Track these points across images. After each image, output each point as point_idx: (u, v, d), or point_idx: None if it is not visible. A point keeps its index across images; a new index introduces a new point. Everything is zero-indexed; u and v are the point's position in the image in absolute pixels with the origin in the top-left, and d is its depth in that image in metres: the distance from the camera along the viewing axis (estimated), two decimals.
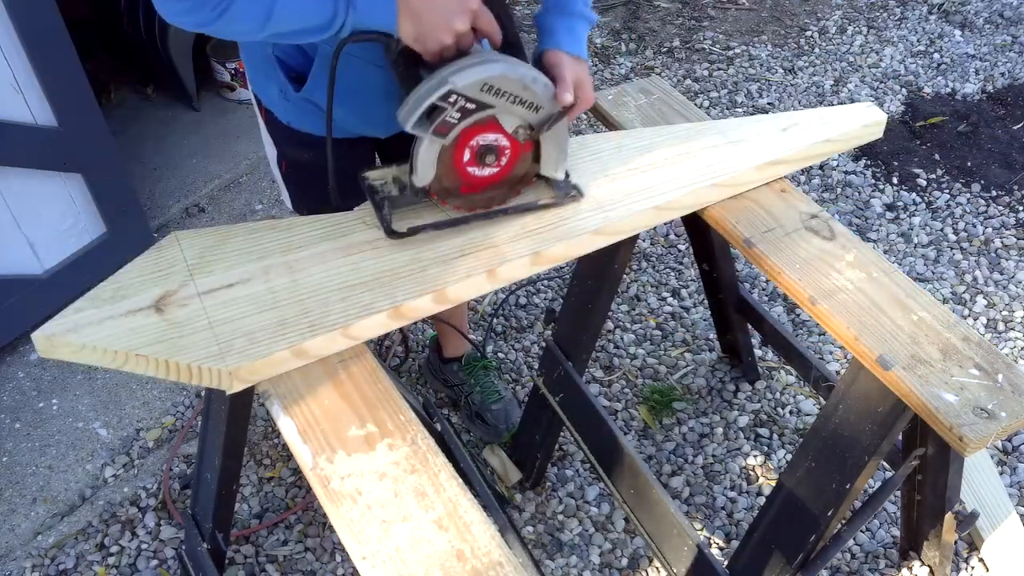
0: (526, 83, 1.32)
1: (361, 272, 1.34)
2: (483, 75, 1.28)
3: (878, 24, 3.84)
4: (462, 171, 1.41)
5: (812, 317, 1.58)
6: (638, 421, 2.34)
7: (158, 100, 3.33)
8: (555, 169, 1.46)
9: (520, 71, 1.31)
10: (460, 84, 1.27)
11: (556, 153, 1.44)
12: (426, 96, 1.28)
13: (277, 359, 1.23)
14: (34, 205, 2.37)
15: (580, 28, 1.46)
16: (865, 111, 1.66)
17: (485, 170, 1.42)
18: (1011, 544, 2.02)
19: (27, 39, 2.17)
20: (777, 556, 1.59)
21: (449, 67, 1.28)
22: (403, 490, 1.14)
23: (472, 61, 1.28)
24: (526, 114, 1.36)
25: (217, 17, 1.20)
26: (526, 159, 1.44)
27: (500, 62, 1.30)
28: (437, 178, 1.40)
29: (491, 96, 1.31)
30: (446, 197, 1.43)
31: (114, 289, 1.29)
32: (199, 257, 1.34)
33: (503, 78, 1.30)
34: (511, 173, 1.45)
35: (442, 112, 1.30)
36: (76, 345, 1.21)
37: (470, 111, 1.32)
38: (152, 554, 2.08)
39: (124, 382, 2.41)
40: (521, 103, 1.34)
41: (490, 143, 1.39)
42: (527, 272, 1.42)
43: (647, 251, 2.82)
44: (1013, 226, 2.88)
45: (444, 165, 1.39)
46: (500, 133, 1.38)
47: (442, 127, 1.32)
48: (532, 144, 1.42)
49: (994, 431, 1.23)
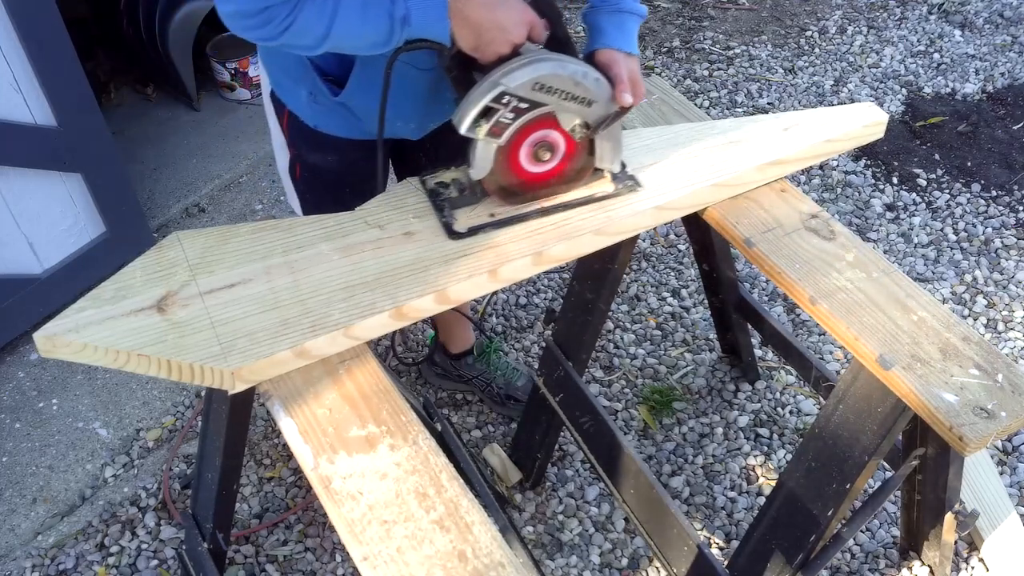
0: (577, 79, 1.34)
1: (363, 272, 1.34)
2: (534, 75, 1.30)
3: (878, 24, 3.84)
4: (519, 169, 1.43)
5: (812, 317, 1.58)
6: (638, 421, 2.34)
7: (158, 100, 3.33)
8: (611, 162, 1.47)
9: (570, 68, 1.33)
10: (512, 85, 1.30)
11: (612, 146, 1.45)
12: (479, 99, 1.30)
13: (279, 359, 1.23)
14: (34, 205, 2.37)
15: (630, 24, 1.47)
16: (866, 111, 1.66)
17: (541, 167, 1.44)
18: (1011, 544, 2.02)
19: (27, 39, 2.17)
20: (777, 556, 1.59)
21: (500, 69, 1.30)
22: (404, 490, 1.14)
23: (523, 61, 1.30)
24: (580, 109, 1.38)
25: (280, 33, 1.25)
26: (582, 153, 1.46)
27: (550, 60, 1.32)
28: (494, 176, 1.42)
29: (543, 94, 1.33)
30: (504, 195, 1.46)
31: (116, 289, 1.29)
32: (201, 257, 1.34)
33: (554, 76, 1.32)
34: (567, 168, 1.47)
35: (495, 113, 1.32)
36: (78, 345, 1.21)
37: (523, 110, 1.34)
38: (152, 554, 2.08)
39: (124, 382, 2.41)
40: (574, 99, 1.36)
41: (545, 140, 1.41)
42: (529, 272, 1.42)
43: (647, 251, 2.82)
44: (1013, 226, 2.88)
45: (501, 164, 1.41)
46: (555, 130, 1.40)
47: (496, 128, 1.34)
48: (587, 140, 1.44)
49: (994, 431, 1.23)
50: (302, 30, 1.25)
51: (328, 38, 1.27)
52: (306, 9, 1.23)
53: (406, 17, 1.26)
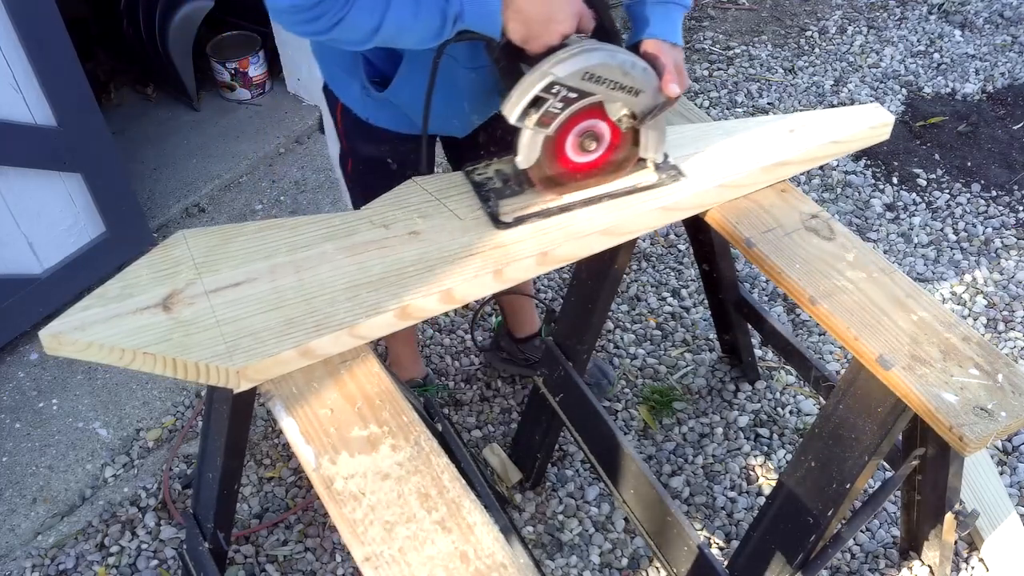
0: (626, 69, 1.35)
1: (367, 272, 1.34)
2: (584, 64, 1.32)
3: (878, 24, 3.84)
4: (564, 159, 1.45)
5: (812, 317, 1.58)
6: (638, 421, 2.34)
7: (158, 100, 3.33)
8: (655, 151, 1.49)
9: (619, 58, 1.35)
10: (562, 75, 1.31)
11: (656, 136, 1.47)
12: (529, 88, 1.32)
13: (283, 358, 1.24)
14: (34, 205, 2.37)
15: (675, 15, 1.49)
16: (872, 112, 1.65)
17: (587, 156, 1.46)
18: (1011, 544, 2.03)
19: (27, 39, 2.17)
20: (777, 556, 1.59)
21: (550, 59, 1.31)
22: (406, 491, 1.14)
23: (572, 51, 1.32)
24: (627, 99, 1.39)
25: (331, 28, 1.27)
26: (626, 143, 1.48)
27: (600, 50, 1.33)
28: (540, 166, 1.44)
29: (592, 84, 1.34)
30: (549, 185, 1.47)
31: (121, 287, 1.28)
32: (206, 256, 1.34)
33: (603, 66, 1.34)
34: (612, 158, 1.48)
35: (545, 103, 1.34)
36: (83, 343, 1.21)
37: (572, 100, 1.35)
38: (152, 554, 2.08)
39: (124, 382, 2.41)
40: (622, 88, 1.37)
41: (591, 130, 1.42)
42: (534, 272, 1.42)
43: (647, 251, 2.82)
44: (1013, 226, 2.88)
45: (547, 154, 1.42)
46: (602, 119, 1.42)
47: (545, 118, 1.36)
48: (632, 130, 1.46)
49: (994, 431, 1.23)
50: (353, 25, 1.26)
51: (379, 33, 1.28)
52: (358, 4, 1.25)
53: (460, 13, 1.28)
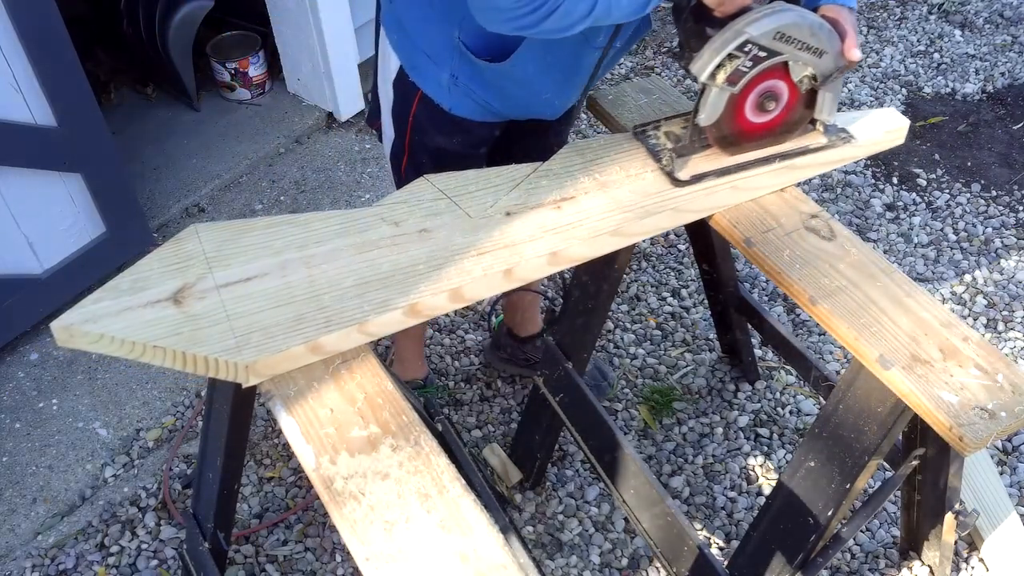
0: (814, 30, 1.39)
1: (377, 269, 1.34)
2: (777, 23, 1.36)
3: (878, 24, 3.84)
4: (743, 118, 1.49)
5: (812, 317, 1.58)
6: (638, 421, 2.34)
7: (158, 100, 3.33)
8: (829, 113, 1.53)
9: (809, 18, 1.39)
10: (756, 33, 1.35)
11: (832, 98, 1.51)
12: (723, 46, 1.36)
13: (293, 354, 1.24)
14: (34, 205, 2.37)
15: None
16: (888, 116, 1.64)
17: (764, 117, 1.50)
18: (1011, 544, 2.03)
19: (27, 39, 2.17)
20: (777, 556, 1.59)
21: (743, 18, 1.35)
22: (406, 491, 1.14)
23: (766, 11, 1.36)
24: (812, 60, 1.43)
25: (543, 20, 1.30)
26: (800, 105, 1.51)
27: (791, 11, 1.38)
28: (718, 125, 1.48)
29: (782, 44, 1.39)
30: (725, 144, 1.51)
31: (132, 280, 1.28)
32: (218, 250, 1.34)
33: (795, 26, 1.37)
34: (786, 119, 1.52)
35: (736, 61, 1.38)
36: (94, 335, 1.21)
37: (761, 59, 1.39)
38: (152, 554, 2.08)
39: (124, 382, 2.41)
40: (808, 49, 1.41)
41: (772, 91, 1.47)
42: (544, 272, 1.42)
43: (647, 251, 2.82)
44: (1013, 226, 2.88)
45: (727, 113, 1.46)
46: (783, 80, 1.46)
47: (734, 76, 1.40)
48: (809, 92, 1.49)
49: (994, 431, 1.24)
50: (567, 12, 1.30)
51: (591, 15, 1.31)
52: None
53: None
